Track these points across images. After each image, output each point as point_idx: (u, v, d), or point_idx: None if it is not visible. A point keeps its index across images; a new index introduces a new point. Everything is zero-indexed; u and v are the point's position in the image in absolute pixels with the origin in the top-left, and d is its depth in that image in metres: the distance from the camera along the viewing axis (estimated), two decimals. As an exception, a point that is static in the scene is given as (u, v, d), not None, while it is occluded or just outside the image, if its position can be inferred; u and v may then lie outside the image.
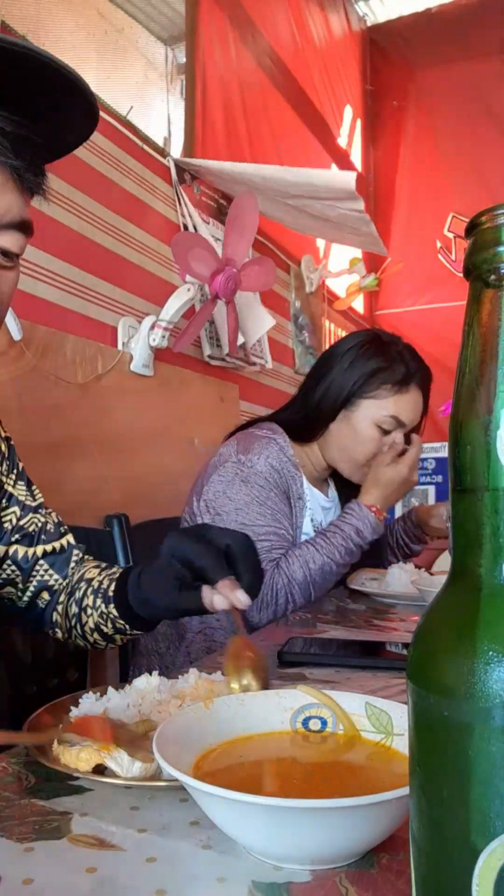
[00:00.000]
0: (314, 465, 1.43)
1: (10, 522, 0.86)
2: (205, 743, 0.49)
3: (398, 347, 1.37)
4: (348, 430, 1.35)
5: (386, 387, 1.33)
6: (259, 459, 1.28)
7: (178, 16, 2.30)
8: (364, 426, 1.33)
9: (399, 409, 1.33)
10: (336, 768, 0.49)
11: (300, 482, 1.35)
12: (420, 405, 1.38)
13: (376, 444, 1.34)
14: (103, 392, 1.67)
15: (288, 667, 0.85)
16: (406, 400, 1.34)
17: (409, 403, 1.34)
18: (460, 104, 3.90)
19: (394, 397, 1.33)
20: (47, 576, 0.88)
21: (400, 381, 1.33)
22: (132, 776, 0.50)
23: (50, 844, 0.43)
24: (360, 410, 1.33)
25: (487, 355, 0.25)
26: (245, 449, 1.30)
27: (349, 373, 1.34)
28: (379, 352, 1.35)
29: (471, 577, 0.26)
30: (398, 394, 1.33)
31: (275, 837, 0.40)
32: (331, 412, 1.35)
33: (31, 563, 0.87)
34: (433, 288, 3.95)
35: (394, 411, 1.33)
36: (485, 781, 0.23)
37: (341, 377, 1.34)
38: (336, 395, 1.34)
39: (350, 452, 1.36)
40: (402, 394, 1.33)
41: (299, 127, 3.22)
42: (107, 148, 1.78)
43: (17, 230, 0.66)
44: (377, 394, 1.33)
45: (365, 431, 1.33)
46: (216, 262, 1.95)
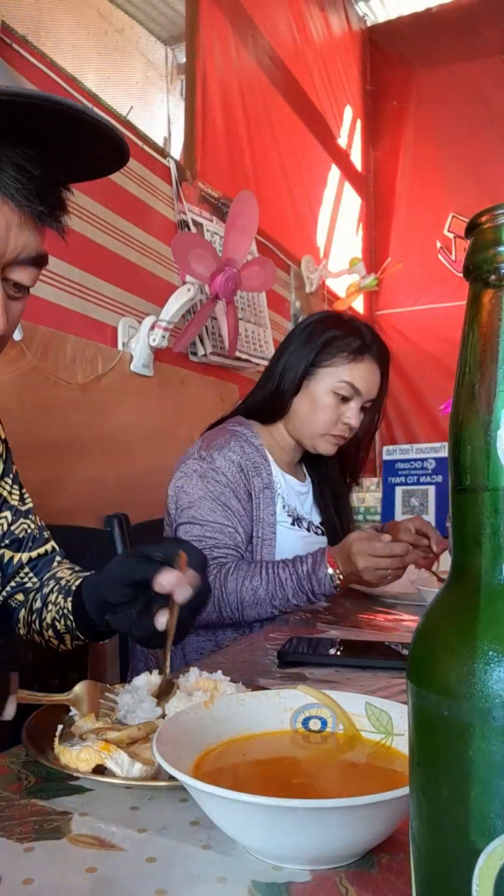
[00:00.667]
0: (283, 446, 1.44)
1: (0, 527, 0.87)
2: (205, 743, 0.49)
3: (355, 323, 1.41)
4: (308, 399, 1.37)
5: (342, 354, 1.36)
6: (219, 455, 1.30)
7: (178, 16, 2.31)
8: (322, 394, 1.36)
9: (354, 376, 1.36)
10: (336, 768, 0.49)
11: (268, 471, 1.36)
12: (377, 377, 1.40)
13: (334, 412, 1.36)
14: (103, 392, 1.67)
15: (288, 667, 0.85)
16: (362, 368, 1.37)
17: (365, 372, 1.37)
18: (460, 104, 3.90)
19: (349, 365, 1.36)
20: (27, 579, 0.90)
21: (355, 349, 1.36)
22: (132, 776, 0.50)
23: (50, 844, 0.43)
24: (318, 379, 1.37)
25: (487, 355, 0.25)
26: (207, 445, 1.33)
27: (307, 346, 1.37)
28: (335, 324, 1.39)
29: (471, 577, 0.26)
30: (353, 362, 1.36)
31: (275, 837, 0.40)
32: (292, 386, 1.38)
33: (14, 568, 0.89)
34: (433, 288, 3.95)
35: (349, 377, 1.35)
36: (485, 781, 0.23)
37: (300, 350, 1.38)
38: (296, 368, 1.37)
39: (310, 421, 1.38)
40: (357, 362, 1.36)
41: (299, 127, 3.22)
42: (107, 148, 1.78)
43: (31, 265, 0.67)
44: (333, 361, 1.36)
45: (323, 399, 1.36)
46: (216, 263, 1.95)
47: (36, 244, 0.66)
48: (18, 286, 0.68)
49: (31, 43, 1.56)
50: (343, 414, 1.37)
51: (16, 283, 0.67)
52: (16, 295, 0.69)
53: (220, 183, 2.36)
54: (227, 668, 0.71)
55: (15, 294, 0.68)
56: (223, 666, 0.78)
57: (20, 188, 0.61)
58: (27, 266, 0.67)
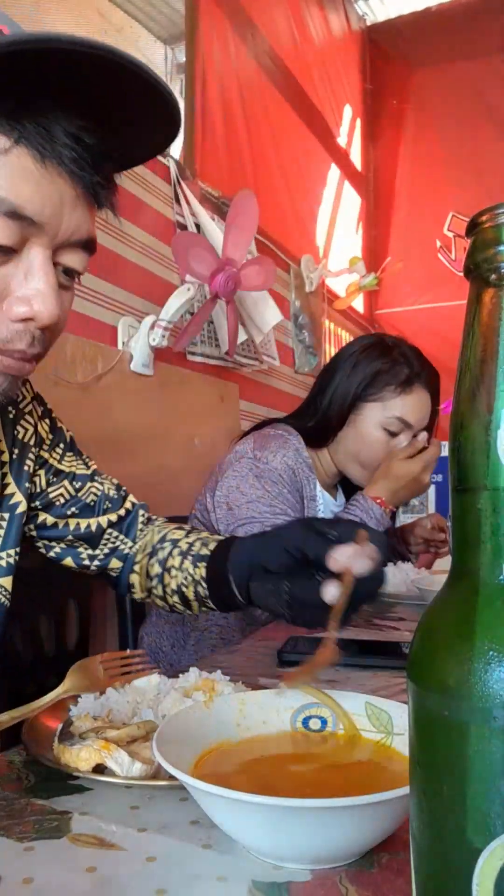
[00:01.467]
0: (325, 470, 1.43)
1: (62, 497, 0.84)
2: (205, 743, 0.49)
3: (401, 349, 1.37)
4: (355, 434, 1.35)
5: (389, 388, 1.33)
6: (275, 457, 1.29)
7: (178, 15, 2.30)
8: (370, 429, 1.33)
9: (404, 411, 1.33)
10: (336, 768, 0.49)
11: (313, 484, 1.35)
12: (427, 405, 1.37)
13: (384, 447, 1.34)
14: (103, 392, 1.67)
15: (288, 667, 0.85)
16: (411, 400, 1.34)
17: (415, 404, 1.34)
18: (460, 103, 3.89)
19: (398, 398, 1.33)
20: (118, 542, 0.88)
21: (403, 381, 1.33)
22: (132, 776, 0.50)
23: (50, 844, 0.43)
24: (365, 413, 1.34)
25: (488, 355, 0.25)
26: (262, 446, 1.31)
27: (353, 377, 1.34)
28: (381, 354, 1.35)
29: (471, 577, 0.26)
30: (402, 395, 1.33)
31: (275, 837, 0.40)
32: (339, 418, 1.35)
33: (97, 533, 0.87)
34: (433, 287, 3.94)
35: (399, 413, 1.33)
36: (485, 781, 0.23)
37: (345, 382, 1.35)
38: (342, 401, 1.34)
39: (359, 457, 1.36)
40: (406, 395, 1.33)
41: (299, 126, 3.22)
42: (106, 147, 1.78)
43: (83, 249, 0.62)
44: (381, 396, 1.33)
45: (372, 434, 1.33)
46: (216, 262, 1.95)
47: (88, 225, 0.61)
48: (68, 272, 0.63)
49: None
50: (393, 447, 1.34)
51: (66, 269, 0.62)
52: (65, 283, 0.63)
53: (220, 182, 2.36)
54: (227, 667, 0.71)
55: (65, 282, 0.63)
56: (223, 666, 0.78)
57: (75, 158, 0.56)
58: (79, 249, 0.62)
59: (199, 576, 0.79)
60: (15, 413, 0.81)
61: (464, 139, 3.86)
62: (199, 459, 2.00)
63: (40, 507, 0.84)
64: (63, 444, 0.87)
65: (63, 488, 0.85)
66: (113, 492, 0.90)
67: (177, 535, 0.86)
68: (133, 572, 0.88)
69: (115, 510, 0.89)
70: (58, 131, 0.56)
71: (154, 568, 0.85)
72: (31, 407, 0.83)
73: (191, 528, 0.89)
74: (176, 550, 0.83)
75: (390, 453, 1.33)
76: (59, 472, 0.85)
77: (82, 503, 0.86)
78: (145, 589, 0.87)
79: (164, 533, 0.87)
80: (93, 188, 0.60)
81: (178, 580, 0.82)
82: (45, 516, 0.84)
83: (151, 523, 0.91)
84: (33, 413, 0.84)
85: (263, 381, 2.65)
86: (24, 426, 0.81)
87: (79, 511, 0.86)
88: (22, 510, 0.79)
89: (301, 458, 1.32)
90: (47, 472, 0.84)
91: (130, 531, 0.89)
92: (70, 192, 0.58)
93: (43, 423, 0.85)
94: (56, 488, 0.84)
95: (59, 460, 0.86)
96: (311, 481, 1.35)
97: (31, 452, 0.81)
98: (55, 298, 0.59)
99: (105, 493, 0.88)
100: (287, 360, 2.89)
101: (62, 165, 0.56)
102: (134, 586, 0.88)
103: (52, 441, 0.86)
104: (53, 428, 0.87)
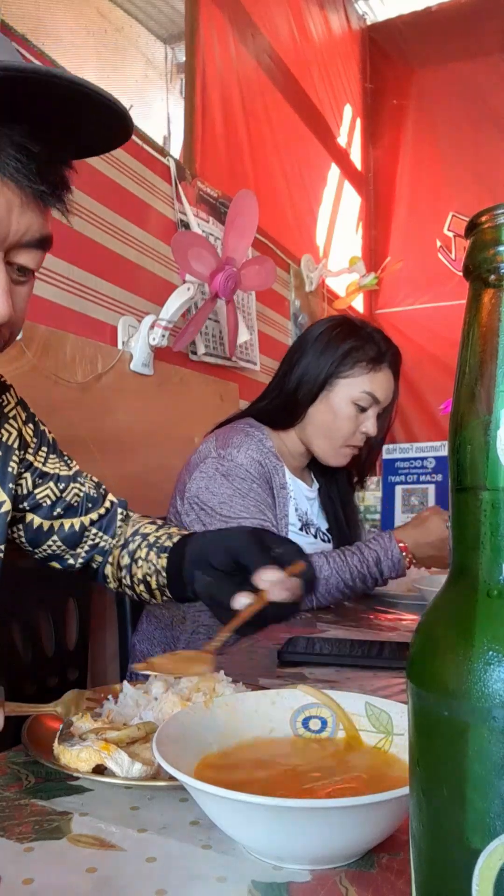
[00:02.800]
0: (293, 452, 1.44)
1: (48, 499, 0.88)
2: (205, 742, 0.49)
3: (368, 329, 1.42)
4: (327, 410, 1.37)
5: (361, 365, 1.36)
6: (239, 452, 1.29)
7: (178, 15, 2.30)
8: (342, 405, 1.36)
9: (374, 386, 1.37)
10: (336, 769, 0.49)
11: (282, 472, 1.36)
12: (392, 383, 1.41)
13: (353, 422, 1.37)
14: (103, 391, 1.67)
15: (288, 667, 0.85)
16: (380, 377, 1.38)
17: (383, 381, 1.38)
18: (460, 103, 3.89)
19: (369, 375, 1.36)
20: (98, 538, 0.92)
21: (373, 358, 1.37)
22: (132, 776, 0.50)
23: (50, 844, 0.43)
24: (337, 390, 1.37)
25: (487, 355, 0.25)
26: (224, 444, 1.32)
27: (325, 355, 1.37)
28: (351, 333, 1.39)
29: (471, 577, 0.26)
30: (372, 371, 1.37)
31: (275, 837, 0.40)
32: (309, 395, 1.38)
33: (79, 532, 0.90)
34: (433, 287, 3.94)
35: (370, 388, 1.36)
36: (485, 781, 0.23)
37: (317, 360, 1.37)
38: (314, 378, 1.37)
39: (329, 432, 1.39)
40: (376, 371, 1.37)
41: (299, 126, 3.22)
42: (106, 147, 1.78)
43: (36, 248, 0.65)
44: (353, 372, 1.36)
45: (343, 410, 1.36)
46: (216, 262, 1.95)
47: (39, 225, 0.64)
48: (23, 270, 0.66)
49: (31, 42, 1.56)
50: (361, 423, 1.38)
51: (20, 267, 0.65)
52: (20, 279, 0.66)
53: (220, 182, 2.36)
54: (227, 668, 0.71)
55: (19, 278, 0.66)
56: (223, 666, 0.78)
57: (20, 167, 0.59)
58: (32, 249, 0.64)
59: (160, 566, 0.83)
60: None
61: (464, 139, 3.86)
62: (199, 459, 1.99)
63: (28, 509, 0.87)
64: (46, 446, 0.91)
65: (49, 489, 0.88)
66: (93, 491, 0.93)
67: (148, 529, 0.90)
68: (108, 564, 0.92)
69: (96, 509, 0.92)
70: (3, 141, 0.58)
71: (124, 559, 0.89)
72: (14, 412, 0.87)
73: (163, 524, 0.92)
74: (144, 542, 0.87)
75: (435, 508, 1.35)
76: (44, 475, 0.88)
77: (66, 503, 0.89)
78: (116, 579, 0.92)
79: (137, 527, 0.92)
80: (39, 195, 0.62)
81: (143, 570, 0.86)
82: (33, 517, 0.88)
83: (129, 519, 0.95)
84: (17, 417, 0.87)
85: (264, 380, 2.65)
86: (8, 430, 0.84)
87: (63, 511, 0.89)
88: (6, 509, 0.82)
89: (266, 449, 1.34)
90: (33, 475, 0.87)
91: (110, 528, 0.93)
92: (16, 200, 0.61)
93: (27, 428, 0.88)
94: (42, 490, 0.88)
95: (44, 462, 0.89)
96: (280, 470, 1.36)
97: (16, 455, 0.84)
98: (5, 299, 0.62)
99: (87, 493, 0.92)
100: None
101: (7, 176, 0.59)
102: (108, 577, 0.93)
103: (37, 444, 0.89)
104: (37, 431, 0.90)
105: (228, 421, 1.47)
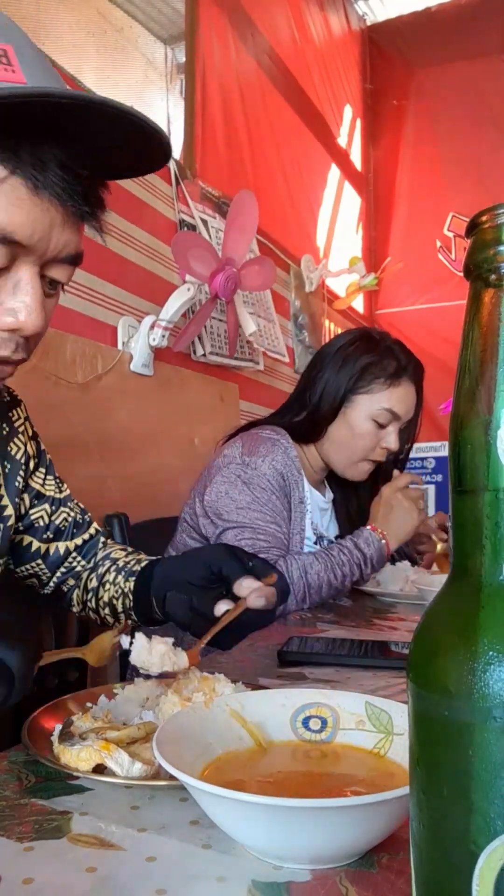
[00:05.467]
0: (312, 465, 1.44)
1: (42, 520, 0.89)
2: (205, 743, 0.49)
3: (387, 343, 1.40)
4: (345, 426, 1.37)
5: (379, 381, 1.35)
6: (263, 462, 1.29)
7: (178, 15, 2.30)
8: (360, 421, 1.36)
9: (393, 402, 1.36)
10: (337, 770, 0.49)
11: (302, 485, 1.36)
12: (413, 397, 1.40)
13: (372, 438, 1.37)
14: (103, 392, 1.67)
15: (288, 666, 0.85)
16: (399, 393, 1.37)
17: (403, 396, 1.37)
18: (460, 103, 3.89)
19: (387, 391, 1.36)
20: (76, 563, 0.92)
21: (392, 374, 1.36)
22: (132, 776, 0.50)
23: (50, 844, 0.43)
24: (355, 406, 1.36)
25: (487, 355, 0.25)
26: (250, 451, 1.31)
27: (342, 371, 1.36)
28: (369, 348, 1.38)
29: (471, 577, 0.26)
30: (391, 387, 1.36)
31: (275, 837, 0.40)
32: (330, 412, 1.37)
33: (63, 556, 0.91)
34: (433, 287, 3.94)
35: (388, 404, 1.35)
36: (485, 781, 0.23)
37: (335, 377, 1.37)
38: (333, 395, 1.37)
39: (347, 448, 1.38)
40: (394, 387, 1.36)
41: (299, 126, 3.22)
42: (106, 147, 1.78)
43: (70, 263, 0.67)
44: (371, 388, 1.35)
45: (361, 426, 1.36)
46: (216, 262, 1.95)
47: (76, 243, 0.66)
48: (53, 283, 0.68)
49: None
50: (382, 439, 1.37)
51: (51, 280, 0.67)
52: (50, 292, 0.68)
53: (220, 182, 2.36)
54: (227, 667, 0.71)
55: (50, 291, 0.68)
56: (223, 666, 0.78)
57: (66, 187, 0.61)
58: (66, 264, 0.67)
59: (127, 589, 0.84)
60: (9, 430, 0.85)
61: (464, 139, 3.86)
62: (199, 459, 1.99)
63: (22, 529, 0.88)
64: (44, 466, 0.91)
65: (43, 511, 0.89)
66: (80, 517, 0.94)
67: (118, 554, 0.91)
68: (76, 588, 0.92)
69: (80, 534, 0.93)
70: (50, 162, 0.59)
71: (92, 582, 0.90)
72: (24, 427, 0.88)
73: (132, 550, 0.93)
74: (113, 566, 0.88)
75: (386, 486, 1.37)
76: (40, 496, 0.89)
77: (56, 527, 0.90)
78: (81, 602, 0.91)
79: (109, 552, 0.92)
80: (80, 214, 0.64)
81: (110, 593, 0.86)
82: (24, 537, 0.88)
83: (105, 547, 0.95)
84: (25, 433, 0.88)
85: (263, 381, 2.65)
86: (17, 444, 0.86)
87: (53, 535, 0.90)
88: (11, 522, 0.83)
89: (290, 460, 1.34)
90: (30, 495, 0.88)
91: (88, 554, 0.93)
92: (59, 218, 0.63)
93: (31, 444, 0.89)
94: (37, 511, 0.89)
95: (42, 483, 0.90)
96: (300, 483, 1.36)
97: (22, 471, 0.85)
98: (41, 311, 0.64)
99: (75, 518, 0.93)
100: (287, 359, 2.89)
101: (53, 195, 0.61)
102: (73, 601, 0.92)
103: (37, 463, 0.90)
104: (38, 450, 0.91)
105: (252, 425, 1.46)
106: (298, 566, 1.22)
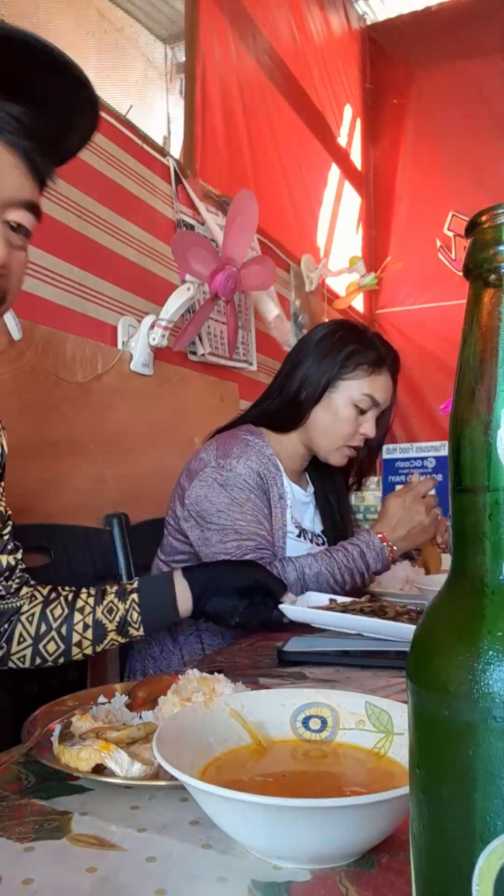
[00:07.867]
0: (292, 455, 1.45)
1: None
2: (205, 743, 0.49)
3: (369, 334, 1.45)
4: (328, 412, 1.39)
5: (362, 367, 1.39)
6: (238, 463, 1.31)
7: (178, 15, 2.30)
8: (343, 406, 1.39)
9: (374, 389, 1.39)
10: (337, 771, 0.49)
11: (280, 481, 1.37)
12: (391, 387, 1.44)
13: (353, 424, 1.39)
14: (103, 391, 1.67)
15: (288, 666, 0.85)
16: (380, 381, 1.40)
17: (383, 384, 1.41)
18: (460, 103, 3.89)
19: (369, 378, 1.39)
20: None
21: (374, 362, 1.39)
22: (132, 776, 0.50)
23: (50, 844, 0.43)
24: (339, 392, 1.39)
25: (487, 354, 0.25)
26: (224, 453, 1.33)
27: (328, 358, 1.39)
28: (353, 337, 1.41)
29: (471, 577, 0.26)
30: (373, 374, 1.39)
31: (275, 837, 0.40)
32: (312, 398, 1.40)
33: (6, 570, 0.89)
34: (433, 287, 3.94)
35: (370, 390, 1.39)
36: (485, 781, 0.23)
37: (319, 363, 1.39)
38: (317, 381, 1.39)
39: (329, 433, 1.41)
40: (376, 374, 1.40)
41: (299, 126, 3.22)
42: (106, 147, 1.78)
43: (28, 210, 0.70)
44: (354, 374, 1.39)
45: (343, 411, 1.39)
46: (216, 262, 1.95)
47: (31, 189, 0.70)
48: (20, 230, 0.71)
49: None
50: (361, 425, 1.40)
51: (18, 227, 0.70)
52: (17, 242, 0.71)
53: (220, 182, 2.36)
54: (227, 667, 0.71)
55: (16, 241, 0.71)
56: (223, 666, 0.78)
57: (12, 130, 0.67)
58: (23, 209, 0.70)
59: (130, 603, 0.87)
60: None
61: (464, 139, 3.86)
62: (199, 459, 2.00)
63: None
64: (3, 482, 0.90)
65: None
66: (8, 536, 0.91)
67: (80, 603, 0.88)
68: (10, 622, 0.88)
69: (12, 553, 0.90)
70: None
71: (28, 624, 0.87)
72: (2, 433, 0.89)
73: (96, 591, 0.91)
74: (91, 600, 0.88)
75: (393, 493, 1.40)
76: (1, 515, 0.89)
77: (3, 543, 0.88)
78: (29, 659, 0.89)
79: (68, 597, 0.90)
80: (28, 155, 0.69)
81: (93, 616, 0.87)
82: None
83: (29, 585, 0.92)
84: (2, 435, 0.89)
85: (264, 380, 2.65)
86: None
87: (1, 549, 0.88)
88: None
89: (265, 458, 1.35)
90: None
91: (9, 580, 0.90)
92: (9, 159, 0.68)
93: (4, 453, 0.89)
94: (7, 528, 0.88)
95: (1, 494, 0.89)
96: (279, 479, 1.37)
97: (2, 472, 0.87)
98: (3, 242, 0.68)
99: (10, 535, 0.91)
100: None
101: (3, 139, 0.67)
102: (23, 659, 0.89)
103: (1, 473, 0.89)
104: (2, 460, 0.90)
105: (229, 426, 1.47)
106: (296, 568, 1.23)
